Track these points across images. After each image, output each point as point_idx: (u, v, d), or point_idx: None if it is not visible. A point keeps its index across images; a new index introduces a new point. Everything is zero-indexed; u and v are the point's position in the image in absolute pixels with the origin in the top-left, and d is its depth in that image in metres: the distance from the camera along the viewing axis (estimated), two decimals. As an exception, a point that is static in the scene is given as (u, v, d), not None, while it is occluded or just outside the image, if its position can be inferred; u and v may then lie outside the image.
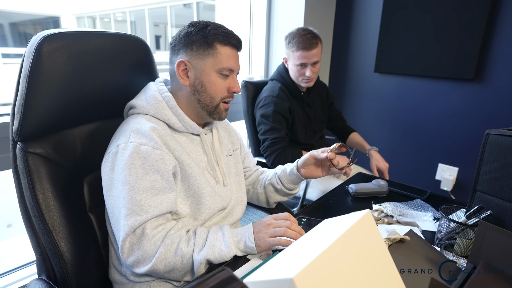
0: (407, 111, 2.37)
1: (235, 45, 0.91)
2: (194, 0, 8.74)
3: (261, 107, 1.65)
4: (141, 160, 0.79)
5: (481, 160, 0.88)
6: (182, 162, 0.87)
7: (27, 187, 0.80)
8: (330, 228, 0.59)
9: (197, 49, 0.88)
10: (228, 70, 0.90)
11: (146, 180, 0.79)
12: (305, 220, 0.99)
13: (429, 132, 2.30)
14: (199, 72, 0.89)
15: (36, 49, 0.77)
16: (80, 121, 0.93)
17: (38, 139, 0.84)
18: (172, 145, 0.85)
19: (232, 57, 0.90)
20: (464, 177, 2.24)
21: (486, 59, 1.99)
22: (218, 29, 0.88)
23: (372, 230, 0.57)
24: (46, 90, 0.80)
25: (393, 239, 0.82)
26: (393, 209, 1.08)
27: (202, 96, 0.90)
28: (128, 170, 0.78)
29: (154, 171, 0.80)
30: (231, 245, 0.81)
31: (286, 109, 1.62)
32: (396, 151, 2.49)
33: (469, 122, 2.13)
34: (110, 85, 0.94)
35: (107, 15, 11.64)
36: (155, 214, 0.79)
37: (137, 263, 0.78)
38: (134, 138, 0.81)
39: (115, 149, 0.81)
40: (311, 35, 1.55)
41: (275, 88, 1.65)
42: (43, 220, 0.80)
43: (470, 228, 0.84)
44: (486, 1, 1.88)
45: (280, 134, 1.59)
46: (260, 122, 1.65)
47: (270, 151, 1.59)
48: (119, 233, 0.78)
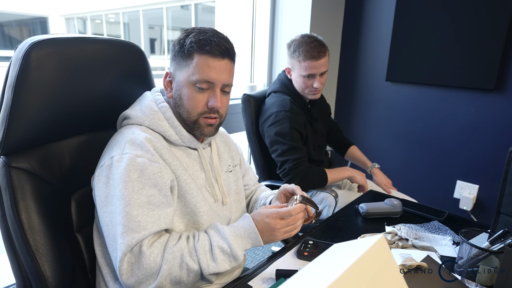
0: (422, 123, 2.37)
1: (217, 54, 0.86)
2: (192, 2, 8.86)
3: (272, 124, 1.58)
4: (138, 173, 0.79)
5: (505, 180, 0.88)
6: (179, 177, 0.87)
7: (9, 205, 0.80)
8: (340, 254, 0.59)
9: (178, 60, 0.88)
10: (205, 82, 0.86)
11: (143, 194, 0.79)
12: (312, 243, 0.99)
13: (446, 146, 2.30)
14: (178, 84, 0.89)
15: (23, 56, 0.78)
16: (69, 133, 0.94)
17: (23, 153, 0.84)
18: (168, 159, 0.85)
19: (213, 68, 0.86)
20: (485, 196, 2.23)
21: (508, 68, 2.00)
22: (197, 36, 0.85)
23: (387, 258, 0.56)
24: (33, 101, 0.80)
25: (409, 266, 0.81)
26: (408, 231, 1.07)
27: (181, 110, 0.90)
28: (124, 183, 0.78)
29: (151, 185, 0.80)
30: (239, 257, 0.84)
31: (302, 124, 1.58)
32: (410, 166, 2.49)
33: (490, 136, 2.12)
34: (102, 95, 0.95)
35: (99, 16, 11.79)
36: (153, 230, 0.79)
37: (139, 283, 0.77)
38: (129, 149, 0.81)
39: (109, 162, 0.82)
40: (319, 43, 1.53)
41: (285, 102, 1.58)
42: (26, 241, 0.80)
43: (494, 255, 0.83)
44: (507, 5, 1.90)
45: (301, 153, 1.54)
46: (275, 141, 1.57)
47: (293, 174, 1.53)
48: (115, 253, 0.78)
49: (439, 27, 2.14)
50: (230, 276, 1.00)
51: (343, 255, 0.57)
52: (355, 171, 1.65)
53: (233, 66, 0.93)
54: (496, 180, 2.16)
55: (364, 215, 1.19)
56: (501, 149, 2.10)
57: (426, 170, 2.42)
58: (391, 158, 2.56)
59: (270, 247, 2.33)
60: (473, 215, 2.29)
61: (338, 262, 0.54)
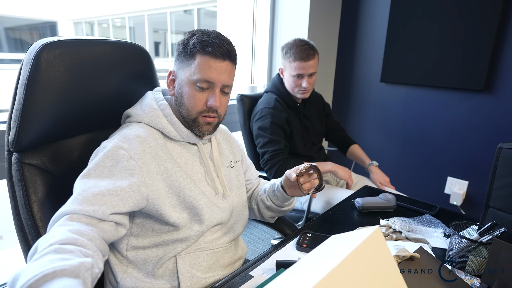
0: (415, 122, 2.38)
1: (218, 55, 0.86)
2: (195, 6, 8.85)
3: (257, 119, 1.66)
4: (112, 162, 0.79)
5: (493, 175, 0.88)
6: (174, 173, 0.86)
7: (22, 199, 0.80)
8: (338, 245, 0.59)
9: (181, 59, 0.88)
10: (205, 82, 0.86)
11: (107, 181, 0.76)
12: (310, 235, 0.99)
13: (438, 144, 2.30)
14: (180, 82, 0.89)
15: (34, 57, 0.78)
16: (78, 131, 0.94)
17: (34, 150, 0.84)
18: (163, 156, 0.85)
19: (213, 68, 0.86)
20: (474, 192, 2.23)
21: (496, 69, 2.00)
22: (201, 38, 0.86)
23: (382, 248, 0.57)
24: (44, 100, 0.81)
25: (403, 257, 0.82)
26: (402, 224, 1.07)
27: (181, 107, 0.90)
28: (96, 165, 0.78)
29: (120, 177, 0.78)
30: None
31: (284, 119, 1.63)
32: (403, 163, 2.49)
33: (479, 134, 2.13)
34: (109, 94, 0.95)
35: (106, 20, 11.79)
36: (93, 214, 0.71)
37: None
38: (118, 140, 0.82)
39: (98, 148, 0.84)
40: (308, 46, 1.59)
41: (270, 100, 1.66)
42: (38, 233, 0.80)
43: (483, 246, 0.83)
44: (496, 9, 1.91)
45: (279, 146, 1.59)
46: (258, 135, 1.65)
47: (271, 164, 1.59)
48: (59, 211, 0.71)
49: (431, 31, 2.14)
50: (232, 267, 1.00)
51: (341, 245, 0.58)
52: (338, 166, 1.62)
53: (234, 68, 0.93)
54: (485, 177, 2.16)
55: (360, 209, 1.19)
56: (489, 147, 2.11)
57: (418, 167, 2.43)
58: (385, 156, 2.56)
59: (270, 241, 2.33)
60: (462, 210, 2.30)
61: (336, 252, 0.54)
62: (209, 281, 0.91)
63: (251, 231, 2.46)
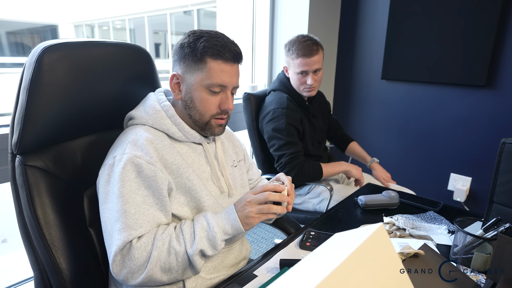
0: (416, 119, 2.37)
1: (229, 59, 0.86)
2: (195, 7, 8.85)
3: (270, 120, 1.60)
4: (135, 173, 0.80)
5: (497, 171, 0.87)
6: (181, 175, 0.86)
7: (26, 201, 0.80)
8: (341, 243, 0.59)
9: (189, 62, 0.87)
10: (219, 86, 0.87)
11: (139, 194, 0.80)
12: (314, 234, 0.99)
13: (440, 140, 2.30)
14: (189, 87, 0.88)
15: (36, 60, 0.78)
16: (81, 133, 0.94)
17: (37, 152, 0.84)
18: (169, 159, 0.85)
19: (226, 72, 0.87)
20: (478, 188, 2.22)
21: (498, 64, 1.99)
22: (210, 41, 0.85)
23: (386, 245, 0.56)
24: (46, 102, 0.81)
25: (407, 254, 0.81)
26: (405, 221, 1.07)
27: (192, 112, 0.90)
28: (122, 182, 0.78)
29: (146, 187, 0.81)
30: (217, 234, 0.81)
31: (298, 119, 1.60)
32: (405, 160, 2.48)
33: (481, 130, 2.12)
34: (111, 96, 0.95)
35: (106, 23, 11.81)
36: (148, 229, 0.79)
37: (131, 274, 0.77)
38: (130, 149, 0.81)
39: (112, 161, 0.82)
40: (312, 42, 1.54)
41: (282, 99, 1.61)
42: (42, 235, 0.80)
43: (488, 242, 0.82)
44: (497, 3, 1.90)
45: (296, 148, 1.56)
46: (272, 136, 1.59)
47: (289, 167, 1.54)
48: (111, 248, 0.77)
49: (432, 26, 2.13)
50: (237, 267, 1.00)
51: (345, 243, 0.57)
52: (351, 165, 1.64)
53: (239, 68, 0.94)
54: (488, 172, 2.15)
55: (363, 207, 1.19)
56: (492, 143, 2.10)
57: (421, 164, 2.42)
58: (387, 153, 2.55)
59: (273, 240, 2.33)
60: (466, 206, 2.29)
61: (340, 250, 0.54)
62: (214, 282, 0.91)
63: (254, 230, 2.46)
